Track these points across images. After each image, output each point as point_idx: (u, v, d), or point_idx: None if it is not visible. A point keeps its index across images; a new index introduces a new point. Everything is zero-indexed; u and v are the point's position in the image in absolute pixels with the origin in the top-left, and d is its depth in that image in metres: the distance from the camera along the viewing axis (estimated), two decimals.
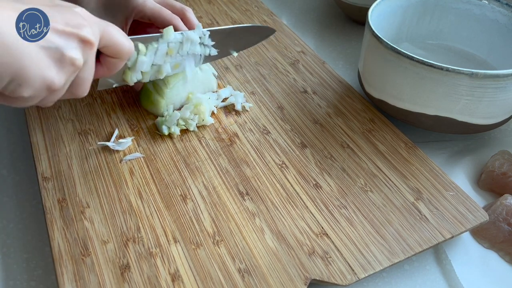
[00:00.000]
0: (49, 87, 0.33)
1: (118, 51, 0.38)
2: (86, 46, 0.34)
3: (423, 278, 0.41)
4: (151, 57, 0.46)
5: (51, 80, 0.33)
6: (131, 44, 0.39)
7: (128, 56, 0.40)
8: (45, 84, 0.33)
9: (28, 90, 0.32)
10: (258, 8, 0.74)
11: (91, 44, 0.35)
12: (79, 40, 0.34)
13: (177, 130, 0.49)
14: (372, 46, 0.50)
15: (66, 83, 0.35)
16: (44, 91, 0.33)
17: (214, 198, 0.43)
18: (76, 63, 0.34)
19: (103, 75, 0.40)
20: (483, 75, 0.44)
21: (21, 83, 0.32)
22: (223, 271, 0.38)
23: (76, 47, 0.34)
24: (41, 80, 0.32)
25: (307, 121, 0.52)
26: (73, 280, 0.37)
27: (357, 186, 0.45)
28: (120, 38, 0.38)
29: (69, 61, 0.33)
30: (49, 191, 0.44)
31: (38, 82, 0.32)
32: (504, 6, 0.55)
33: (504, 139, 0.54)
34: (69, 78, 0.35)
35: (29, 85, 0.32)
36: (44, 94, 0.34)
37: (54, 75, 0.33)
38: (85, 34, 0.34)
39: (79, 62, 0.34)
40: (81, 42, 0.34)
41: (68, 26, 0.33)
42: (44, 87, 0.33)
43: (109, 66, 0.39)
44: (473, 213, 0.42)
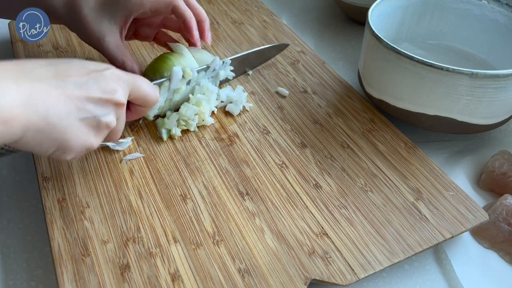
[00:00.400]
0: (88, 149, 0.38)
1: (146, 101, 0.43)
2: (118, 107, 0.39)
3: (423, 278, 0.41)
4: (164, 95, 0.50)
5: (91, 144, 0.37)
6: (157, 93, 0.44)
7: (154, 104, 0.44)
8: (85, 148, 0.37)
9: (71, 155, 0.37)
10: (258, 8, 0.74)
11: (123, 104, 0.39)
12: (113, 104, 0.38)
13: (178, 131, 0.49)
14: (372, 46, 0.50)
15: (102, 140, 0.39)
16: (84, 151, 0.38)
17: (214, 198, 0.43)
18: (110, 126, 0.38)
19: (132, 119, 0.45)
20: (483, 75, 0.44)
21: (66, 151, 0.36)
22: (223, 271, 0.38)
23: (110, 112, 0.38)
24: (82, 146, 0.37)
25: (307, 121, 0.52)
26: (73, 280, 0.37)
27: (357, 186, 0.45)
28: (147, 90, 0.42)
29: (104, 126, 0.38)
30: (49, 191, 0.44)
31: (79, 148, 0.37)
32: (504, 6, 0.55)
33: (504, 139, 0.54)
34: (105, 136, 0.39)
35: (72, 151, 0.37)
36: (84, 153, 0.38)
37: (93, 140, 0.38)
38: (117, 98, 0.38)
39: (113, 124, 0.38)
40: (115, 105, 0.38)
41: (103, 94, 0.37)
42: (84, 150, 0.38)
43: (138, 112, 0.44)
44: (473, 213, 0.42)
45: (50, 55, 0.62)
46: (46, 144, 0.35)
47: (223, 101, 0.54)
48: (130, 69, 0.51)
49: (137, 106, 0.43)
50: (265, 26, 0.69)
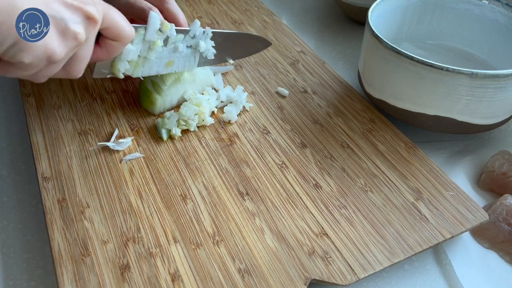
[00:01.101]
0: (49, 57, 0.34)
1: (118, 34, 0.39)
2: (89, 23, 0.35)
3: (423, 278, 0.41)
4: (137, 46, 0.45)
5: (53, 49, 0.33)
6: (132, 29, 0.40)
7: (128, 40, 0.40)
8: (46, 53, 0.33)
9: (29, 56, 0.33)
10: (258, 8, 0.74)
11: (95, 21, 0.36)
12: (84, 15, 0.35)
13: (178, 131, 0.49)
14: (372, 46, 0.50)
15: (65, 57, 0.36)
16: (43, 60, 0.34)
17: (214, 198, 0.43)
18: (78, 37, 0.35)
19: (101, 58, 0.41)
20: (483, 75, 0.44)
21: (23, 48, 0.32)
22: (223, 271, 0.38)
23: (81, 22, 0.35)
24: (43, 47, 0.33)
25: (307, 121, 0.52)
26: (73, 280, 0.37)
27: (357, 186, 0.45)
28: (121, 21, 0.39)
29: (72, 34, 0.34)
30: (49, 191, 0.44)
31: (39, 50, 0.33)
32: (504, 6, 0.55)
33: (504, 139, 0.54)
34: (69, 52, 0.36)
35: (31, 51, 0.33)
36: (43, 63, 0.34)
37: (56, 45, 0.34)
38: (90, 10, 0.35)
39: (81, 36, 0.35)
40: (85, 18, 0.35)
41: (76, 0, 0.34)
42: (44, 56, 0.34)
43: (109, 49, 0.40)
44: (473, 213, 0.42)
45: None
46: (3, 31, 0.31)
47: (223, 101, 0.54)
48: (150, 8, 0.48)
49: (108, 40, 0.40)
50: (265, 26, 0.69)
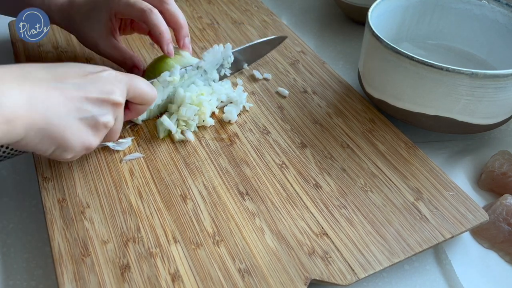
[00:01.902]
0: (87, 148, 0.39)
1: (144, 100, 0.43)
2: (116, 107, 0.40)
3: (423, 278, 0.41)
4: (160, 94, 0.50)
5: (89, 143, 0.38)
6: (154, 91, 0.44)
7: (153, 102, 0.44)
8: (84, 147, 0.38)
9: (71, 154, 0.38)
10: (258, 8, 0.74)
11: (121, 104, 0.40)
12: (111, 104, 0.38)
13: (178, 133, 0.49)
14: (372, 46, 0.50)
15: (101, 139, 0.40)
16: (83, 151, 0.39)
17: (214, 198, 0.43)
18: (108, 126, 0.39)
19: (131, 118, 0.46)
20: (483, 75, 0.44)
21: (65, 150, 0.37)
22: (223, 271, 0.38)
23: (108, 111, 0.39)
24: (81, 145, 0.38)
25: (307, 121, 0.52)
26: (73, 280, 0.37)
27: (357, 186, 0.45)
28: (144, 88, 0.43)
29: (102, 125, 0.39)
30: (49, 191, 0.44)
31: (79, 147, 0.38)
32: (504, 6, 0.55)
33: (504, 139, 0.54)
34: (104, 136, 0.40)
35: (72, 150, 0.38)
36: (83, 153, 0.39)
37: (92, 139, 0.38)
38: (115, 98, 0.39)
39: (111, 124, 0.39)
40: (112, 105, 0.38)
41: (101, 94, 0.38)
42: (83, 149, 0.39)
43: (137, 111, 0.45)
44: (473, 213, 0.42)
45: (50, 55, 0.62)
46: (46, 143, 0.36)
47: (223, 101, 0.54)
48: (131, 64, 0.52)
49: (135, 105, 0.44)
50: (265, 26, 0.69)
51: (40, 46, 0.63)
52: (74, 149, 0.38)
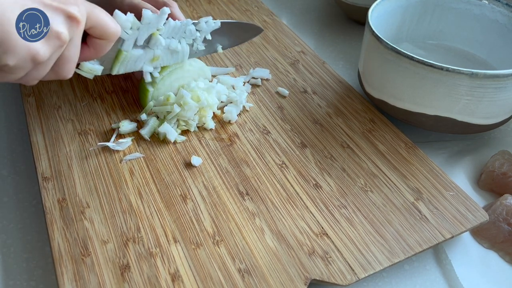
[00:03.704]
0: (33, 58, 0.34)
1: (104, 32, 0.40)
2: (72, 23, 0.36)
3: (423, 278, 0.41)
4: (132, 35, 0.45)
5: (36, 50, 0.34)
6: (117, 26, 0.41)
7: (115, 38, 0.41)
8: (30, 54, 0.34)
9: (13, 58, 0.34)
10: (258, 8, 0.74)
11: (77, 21, 0.36)
12: (65, 15, 0.35)
13: (178, 134, 0.49)
14: (372, 46, 0.50)
15: (51, 58, 0.36)
16: (29, 62, 0.34)
17: (214, 198, 0.43)
18: (61, 37, 0.35)
19: (90, 57, 0.41)
20: (483, 75, 0.44)
21: (6, 50, 0.33)
22: (223, 271, 0.38)
23: (62, 22, 0.35)
24: (26, 49, 0.34)
25: (307, 121, 0.52)
26: (73, 280, 0.37)
27: (357, 186, 0.45)
28: (106, 19, 0.40)
29: (54, 34, 0.35)
30: (49, 191, 0.44)
31: (23, 51, 0.34)
32: (504, 6, 0.55)
33: (504, 139, 0.54)
34: (54, 53, 0.36)
35: (14, 52, 0.33)
36: (29, 65, 0.35)
37: (39, 46, 0.34)
38: (71, 10, 0.35)
39: (64, 36, 0.35)
40: (67, 18, 0.35)
41: (56, 1, 0.35)
42: (29, 57, 0.34)
43: (96, 47, 0.41)
44: (473, 213, 0.42)
45: None
46: None
47: (223, 101, 0.54)
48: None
49: (94, 39, 0.41)
50: (265, 26, 0.69)
51: None
52: (17, 51, 0.34)
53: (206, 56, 0.62)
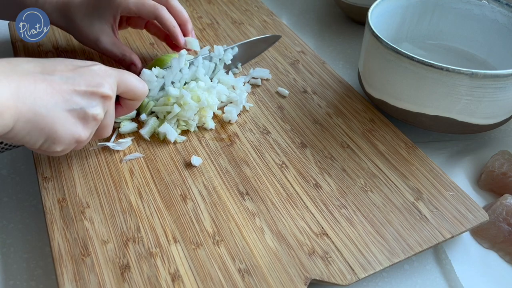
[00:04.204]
0: (77, 141, 0.38)
1: (134, 95, 0.43)
2: (106, 100, 0.39)
3: (423, 278, 0.41)
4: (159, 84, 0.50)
5: (79, 135, 0.38)
6: (145, 86, 0.44)
7: (144, 97, 0.44)
8: (74, 139, 0.38)
9: (60, 146, 0.38)
10: (258, 8, 0.74)
11: (110, 97, 0.39)
12: (100, 97, 0.39)
13: (178, 134, 0.49)
14: (372, 46, 0.50)
15: (91, 133, 0.40)
16: (73, 144, 0.39)
17: (214, 198, 0.43)
18: (98, 118, 0.39)
19: (123, 114, 0.45)
20: (483, 75, 0.44)
21: (54, 142, 0.37)
22: (223, 271, 0.38)
23: (97, 104, 0.39)
24: (70, 137, 0.37)
25: (307, 121, 0.52)
26: (73, 280, 0.37)
27: (357, 186, 0.45)
28: (134, 83, 0.43)
29: (92, 118, 0.38)
30: (49, 191, 0.44)
31: (68, 139, 0.37)
32: (504, 6, 0.55)
33: (504, 139, 0.54)
34: (94, 129, 0.40)
35: (61, 142, 0.37)
36: (73, 146, 0.39)
37: (81, 131, 0.38)
38: (104, 91, 0.39)
39: (100, 116, 0.39)
40: (101, 98, 0.39)
41: (89, 87, 0.38)
42: (73, 142, 0.38)
43: (128, 107, 0.45)
44: (473, 213, 0.42)
45: (50, 55, 0.62)
46: (35, 135, 0.36)
47: (223, 101, 0.54)
48: (129, 60, 0.53)
49: (126, 100, 0.44)
50: (265, 26, 0.69)
51: (40, 46, 0.63)
52: (63, 141, 0.37)
53: None
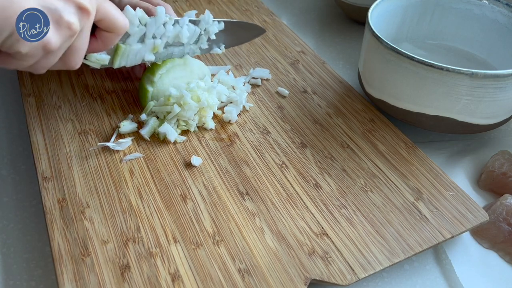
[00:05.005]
0: (45, 46, 0.36)
1: (113, 25, 0.41)
2: (83, 14, 0.37)
3: (423, 278, 0.41)
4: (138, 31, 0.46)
5: (47, 39, 0.35)
6: (126, 20, 0.41)
7: (123, 31, 0.42)
8: (41, 42, 0.35)
9: (25, 46, 0.34)
10: (258, 8, 0.74)
11: (88, 12, 0.37)
12: (77, 6, 0.36)
13: (178, 134, 0.49)
14: (372, 46, 0.50)
15: (61, 47, 0.37)
16: (40, 50, 0.35)
17: (214, 198, 0.43)
18: (72, 27, 0.36)
19: (97, 49, 0.42)
20: (483, 75, 0.44)
21: (19, 38, 0.34)
22: (223, 271, 0.38)
23: (74, 12, 0.36)
24: None
25: (307, 121, 0.52)
26: (73, 280, 0.37)
27: (357, 186, 0.45)
28: (115, 13, 0.40)
29: (66, 24, 0.36)
30: (49, 191, 0.44)
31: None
32: (504, 6, 0.55)
33: (504, 139, 0.54)
34: (65, 42, 0.37)
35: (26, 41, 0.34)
36: (40, 53, 0.36)
37: (51, 35, 0.35)
38: (83, 2, 0.36)
39: (75, 26, 0.36)
40: (78, 9, 0.36)
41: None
42: (40, 46, 0.35)
43: (104, 40, 0.42)
44: (473, 213, 0.42)
45: None
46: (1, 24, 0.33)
47: (223, 101, 0.54)
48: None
49: (103, 32, 0.41)
50: (265, 26, 0.69)
51: None
52: None
53: (206, 56, 0.62)
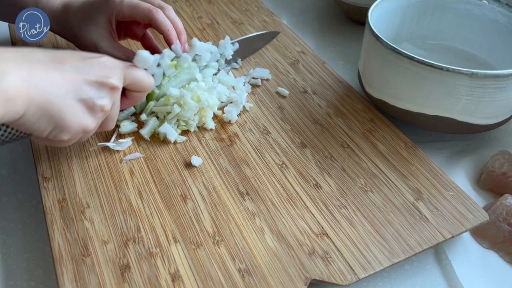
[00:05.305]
0: (84, 130, 0.39)
1: (140, 87, 0.44)
2: (113, 92, 0.40)
3: (423, 278, 0.41)
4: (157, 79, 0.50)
5: (86, 125, 0.39)
6: (151, 79, 0.45)
7: (149, 89, 0.46)
8: (81, 129, 0.39)
9: (67, 134, 0.38)
10: (258, 8, 0.74)
11: (118, 89, 0.40)
12: (108, 88, 0.39)
13: (178, 134, 0.49)
14: (372, 46, 0.50)
15: (98, 124, 0.40)
16: (80, 133, 0.39)
17: (214, 198, 0.43)
18: (105, 109, 0.40)
19: (127, 106, 0.46)
20: (483, 75, 0.44)
21: (62, 130, 0.38)
22: (223, 271, 0.38)
23: (106, 95, 0.39)
24: (78, 126, 0.38)
25: (307, 121, 0.52)
26: (73, 280, 0.37)
27: (357, 186, 0.45)
28: (140, 75, 0.44)
29: (99, 108, 0.39)
30: (49, 191, 0.44)
31: (75, 128, 0.38)
32: (504, 6, 0.55)
33: (504, 139, 0.54)
34: (100, 120, 0.40)
35: (68, 131, 0.38)
36: (79, 135, 0.40)
37: (89, 121, 0.39)
38: (112, 82, 0.39)
39: (107, 107, 0.40)
40: (110, 89, 0.40)
41: (99, 77, 0.39)
42: (80, 131, 0.39)
43: (133, 99, 0.46)
44: (473, 213, 0.42)
45: None
46: (44, 121, 0.36)
47: (224, 101, 0.54)
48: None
49: (132, 92, 0.45)
50: (265, 26, 0.69)
51: (40, 46, 0.63)
52: (71, 129, 0.38)
53: None
